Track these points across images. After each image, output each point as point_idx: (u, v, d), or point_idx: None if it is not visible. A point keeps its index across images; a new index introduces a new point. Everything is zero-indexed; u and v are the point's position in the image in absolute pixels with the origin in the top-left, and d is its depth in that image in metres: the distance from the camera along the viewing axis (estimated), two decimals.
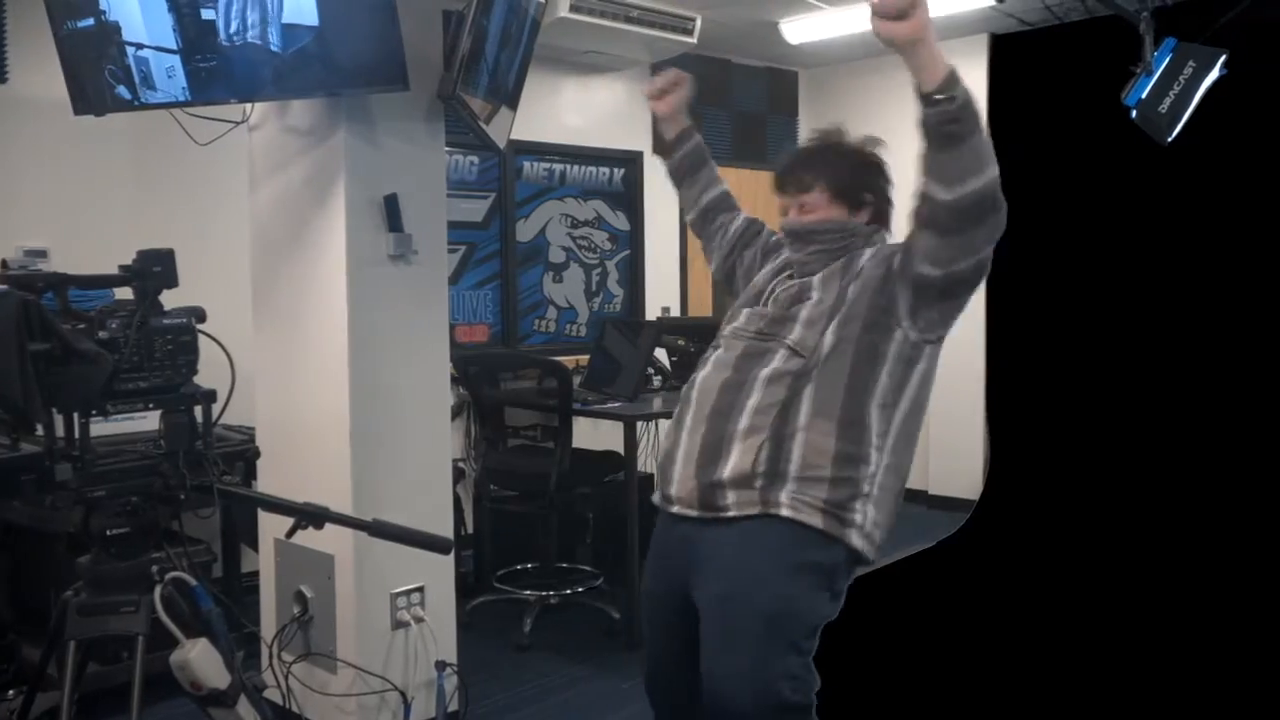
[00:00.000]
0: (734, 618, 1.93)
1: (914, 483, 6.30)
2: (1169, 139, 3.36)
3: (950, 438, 6.11)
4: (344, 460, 2.81)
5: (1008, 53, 5.75)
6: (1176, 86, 3.39)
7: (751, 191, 6.55)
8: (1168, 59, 3.43)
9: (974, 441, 5.99)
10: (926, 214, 1.89)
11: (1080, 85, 3.27)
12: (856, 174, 2.15)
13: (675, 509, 2.05)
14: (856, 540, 1.96)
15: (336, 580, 2.85)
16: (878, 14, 1.83)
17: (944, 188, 1.83)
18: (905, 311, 1.98)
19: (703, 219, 2.53)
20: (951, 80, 1.79)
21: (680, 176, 2.53)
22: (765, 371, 1.98)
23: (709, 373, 2.09)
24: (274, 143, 2.97)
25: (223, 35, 2.44)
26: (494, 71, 2.97)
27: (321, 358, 2.86)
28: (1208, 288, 4.63)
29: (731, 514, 1.96)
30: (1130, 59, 3.51)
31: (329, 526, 1.98)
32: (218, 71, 2.48)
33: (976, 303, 6.49)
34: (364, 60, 2.58)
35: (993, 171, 1.82)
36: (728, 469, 1.95)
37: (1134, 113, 3.47)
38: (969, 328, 5.99)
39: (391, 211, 2.83)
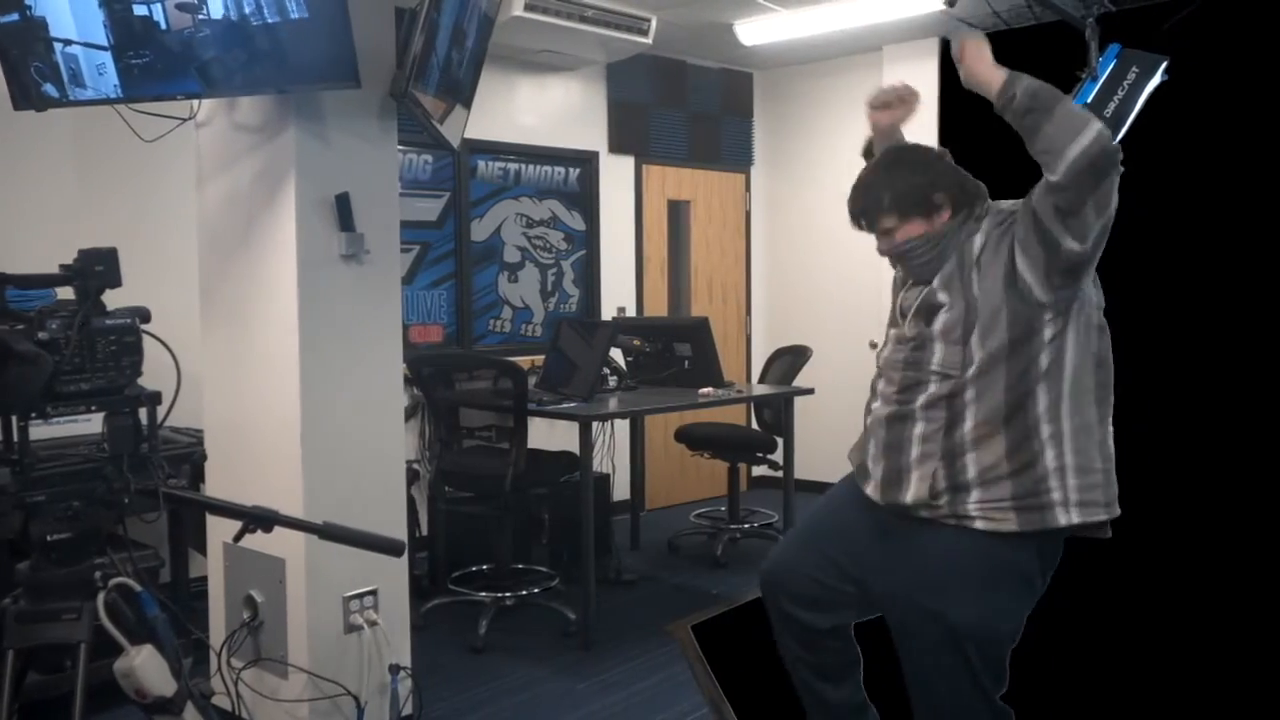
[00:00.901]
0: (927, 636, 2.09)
1: None
2: (1114, 142, 3.42)
3: None
4: (295, 462, 2.77)
5: None
6: (1121, 91, 3.44)
7: (706, 192, 6.58)
8: (1112, 64, 3.49)
9: None
10: (1049, 195, 1.96)
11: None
12: (915, 186, 2.17)
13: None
14: (1063, 518, 2.03)
15: (288, 584, 2.81)
16: (956, 59, 2.10)
17: (1051, 169, 1.94)
18: (1040, 291, 2.01)
19: None
20: (1007, 85, 2.00)
21: None
22: (922, 399, 2.12)
23: (878, 405, 2.24)
24: (222, 140, 2.93)
25: (158, 31, 2.38)
26: (446, 68, 2.95)
27: (271, 359, 2.82)
28: (1149, 285, 4.73)
29: (925, 517, 2.11)
30: (1076, 64, 3.57)
31: (280, 530, 1.96)
32: (152, 68, 2.42)
33: None
34: (314, 57, 2.54)
35: (1090, 133, 1.90)
36: (909, 496, 2.11)
37: (1092, 98, 3.52)
38: None
39: (343, 210, 2.79)
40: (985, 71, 2.04)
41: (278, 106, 2.74)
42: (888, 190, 2.18)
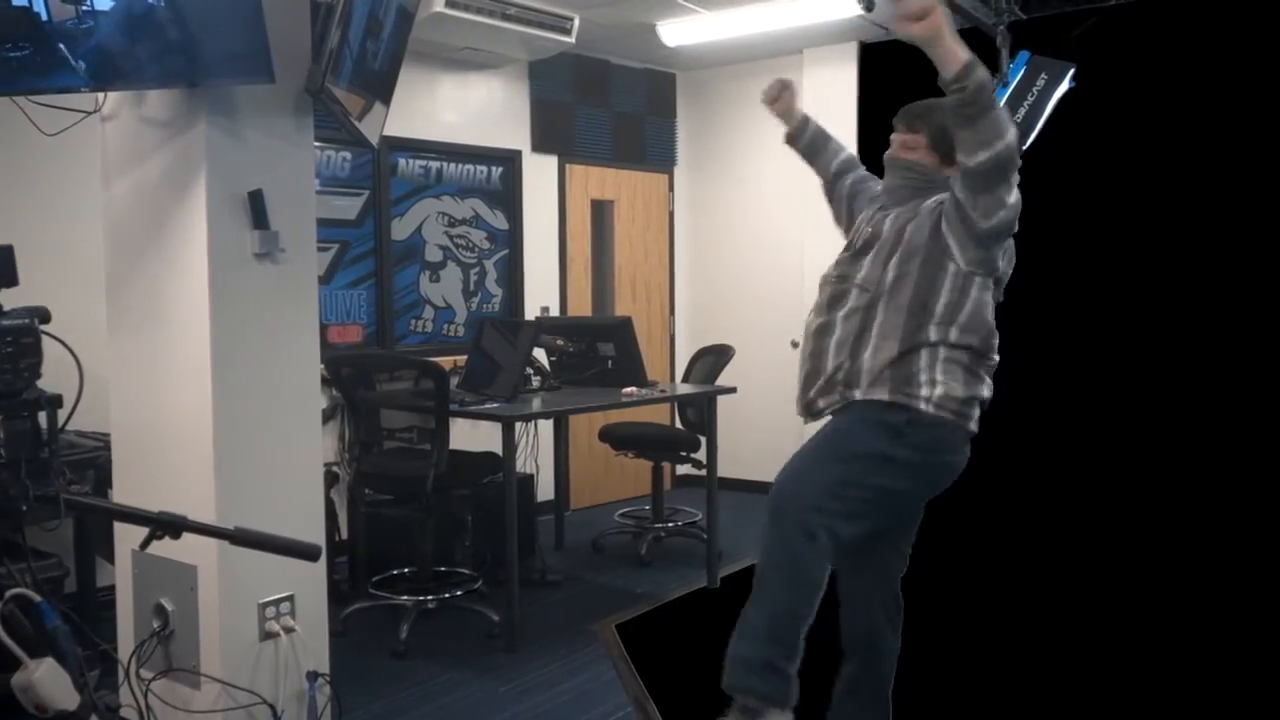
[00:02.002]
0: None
1: None
2: (1024, 147, 3.52)
3: None
4: (207, 467, 2.69)
5: (876, 60, 5.94)
6: (1030, 97, 3.55)
7: (630, 192, 6.59)
8: (1022, 71, 3.59)
9: None
10: (963, 177, 2.29)
11: (943, 94, 3.39)
12: (949, 135, 2.41)
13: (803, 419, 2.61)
14: (925, 406, 2.36)
15: (200, 591, 2.73)
16: (900, 14, 2.19)
17: (968, 157, 2.25)
18: (956, 251, 2.38)
19: (834, 181, 2.95)
20: (965, 71, 2.17)
21: (810, 156, 3.00)
22: (843, 311, 2.48)
23: (811, 317, 2.59)
24: (129, 134, 2.83)
25: (39, 23, 2.28)
26: (361, 60, 2.89)
27: (182, 359, 2.74)
28: (1059, 286, 4.88)
29: (823, 412, 2.50)
30: (989, 70, 3.66)
31: (191, 536, 1.90)
32: (32, 62, 2.32)
33: None
34: (225, 50, 2.47)
35: (1007, 139, 2.22)
36: (814, 390, 2.50)
37: (1003, 103, 3.62)
38: None
39: (256, 208, 2.72)
40: (949, 44, 2.17)
41: (187, 101, 2.66)
42: (940, 120, 2.45)
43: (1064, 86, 3.56)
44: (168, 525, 1.73)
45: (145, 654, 2.78)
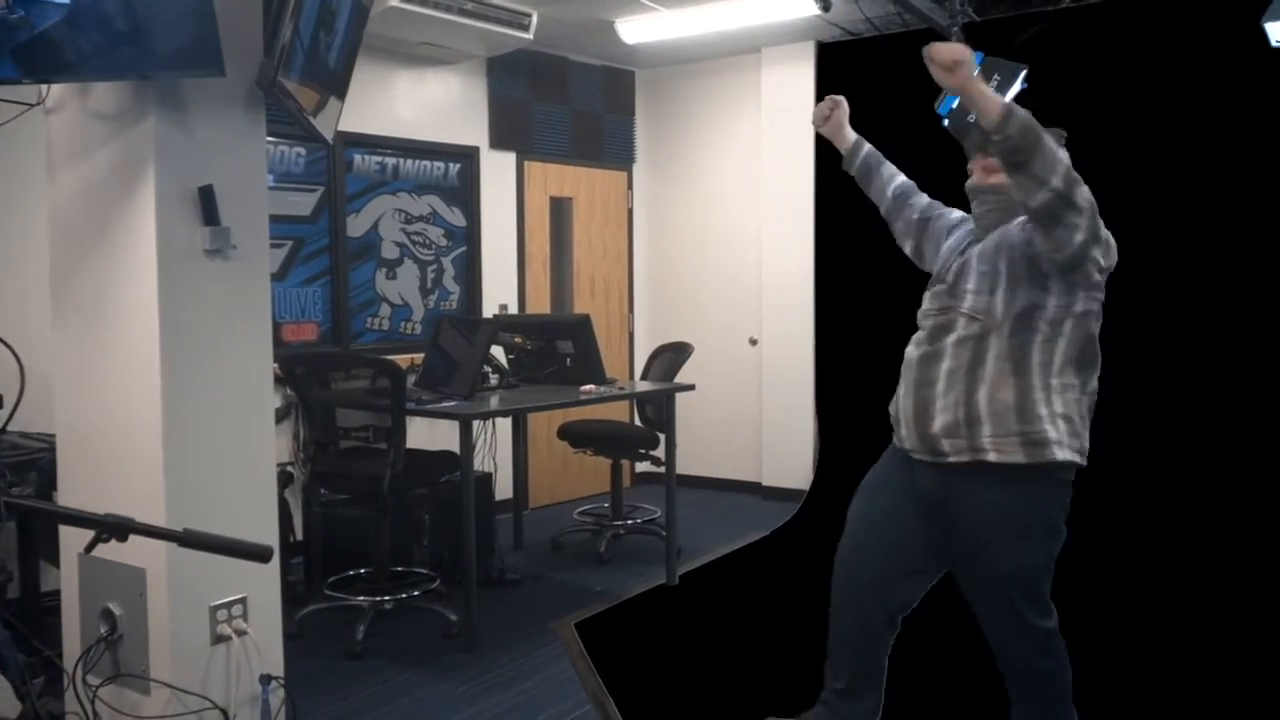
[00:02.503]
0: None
1: (748, 475, 6.50)
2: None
3: (781, 432, 6.30)
4: (156, 468, 2.64)
5: (834, 60, 5.97)
6: None
7: (589, 189, 6.58)
8: (976, 72, 3.61)
9: (804, 435, 6.20)
10: (1030, 217, 2.33)
11: (899, 94, 3.42)
12: None
13: (913, 455, 2.59)
14: (1060, 454, 2.40)
15: (149, 595, 2.68)
16: (931, 60, 2.29)
17: (1028, 198, 2.27)
18: (1046, 280, 2.41)
19: (895, 206, 2.91)
20: (1005, 118, 2.21)
21: (863, 182, 2.96)
22: (952, 338, 2.49)
23: (912, 349, 2.61)
24: (75, 128, 2.77)
25: None
26: (314, 52, 2.85)
27: (130, 358, 2.68)
28: None
29: (950, 459, 2.47)
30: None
31: (140, 538, 1.86)
32: None
33: (805, 302, 6.74)
34: (175, 42, 2.42)
35: (1061, 170, 2.23)
36: (936, 425, 2.48)
37: (946, 122, 3.64)
38: (798, 330, 6.20)
39: (207, 204, 2.67)
40: (985, 99, 2.26)
41: (135, 94, 2.60)
42: None
43: (1016, 88, 3.59)
44: (113, 527, 1.69)
45: (92, 660, 2.72)
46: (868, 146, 2.95)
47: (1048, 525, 2.48)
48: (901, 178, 2.95)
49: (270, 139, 4.65)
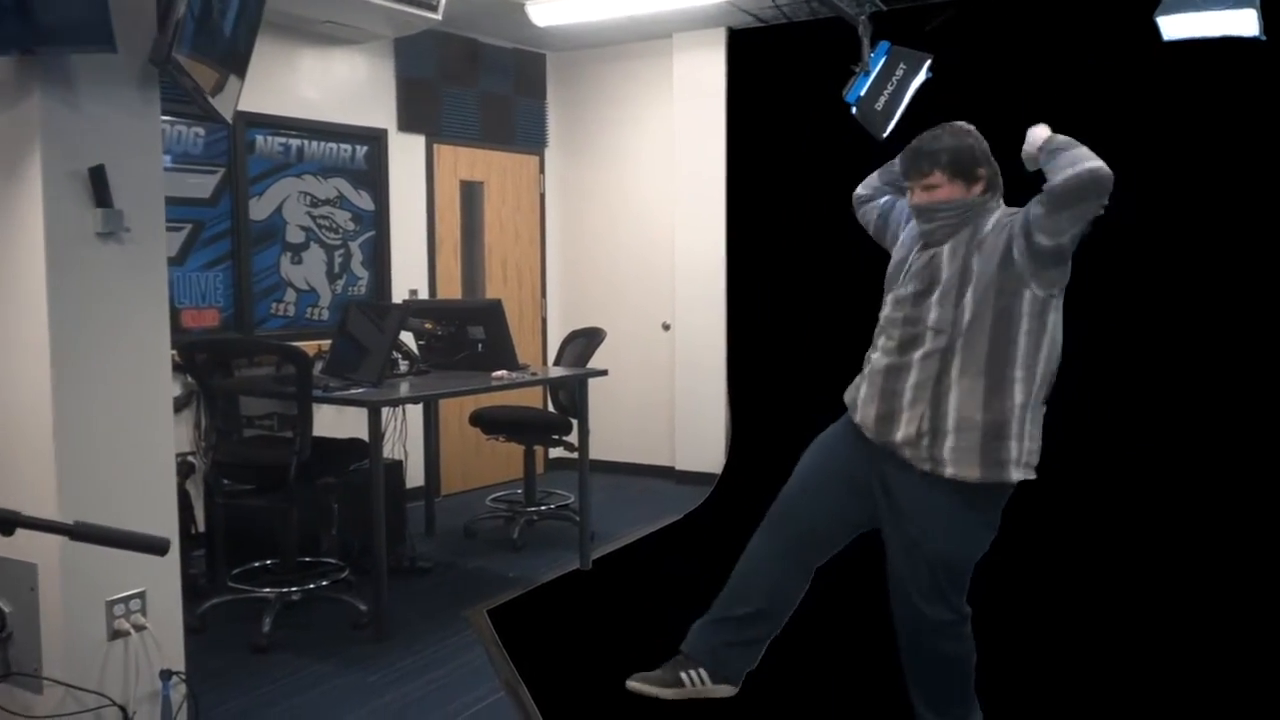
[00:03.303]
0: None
1: (661, 460, 6.54)
2: (884, 134, 3.63)
3: (694, 417, 6.35)
4: (47, 459, 2.54)
5: (744, 47, 6.02)
6: (890, 86, 3.65)
7: (500, 173, 6.52)
8: (882, 60, 3.69)
9: (716, 419, 6.26)
10: (1043, 194, 2.39)
11: (809, 80, 3.46)
12: (966, 151, 2.56)
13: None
14: (1014, 475, 2.48)
15: (40, 590, 2.58)
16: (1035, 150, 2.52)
17: (1054, 174, 2.38)
18: (1029, 276, 2.42)
19: (865, 199, 2.99)
20: (1048, 141, 2.49)
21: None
22: (920, 353, 2.52)
23: (878, 356, 2.65)
24: None
25: None
26: (209, 30, 2.75)
27: (18, 345, 2.57)
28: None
29: (907, 455, 2.55)
30: (850, 58, 3.75)
31: (31, 532, 1.78)
32: None
33: (718, 287, 6.76)
34: (63, 15, 2.31)
35: (1092, 162, 2.34)
36: (899, 435, 2.55)
37: (854, 109, 3.71)
38: (710, 315, 6.26)
39: (98, 185, 2.57)
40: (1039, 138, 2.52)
41: (19, 69, 2.48)
42: (947, 151, 2.54)
43: (921, 76, 3.68)
44: None
45: None
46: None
47: (985, 523, 2.59)
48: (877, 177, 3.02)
49: (166, 118, 4.48)
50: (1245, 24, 3.46)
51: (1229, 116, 4.76)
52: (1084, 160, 2.35)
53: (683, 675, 2.99)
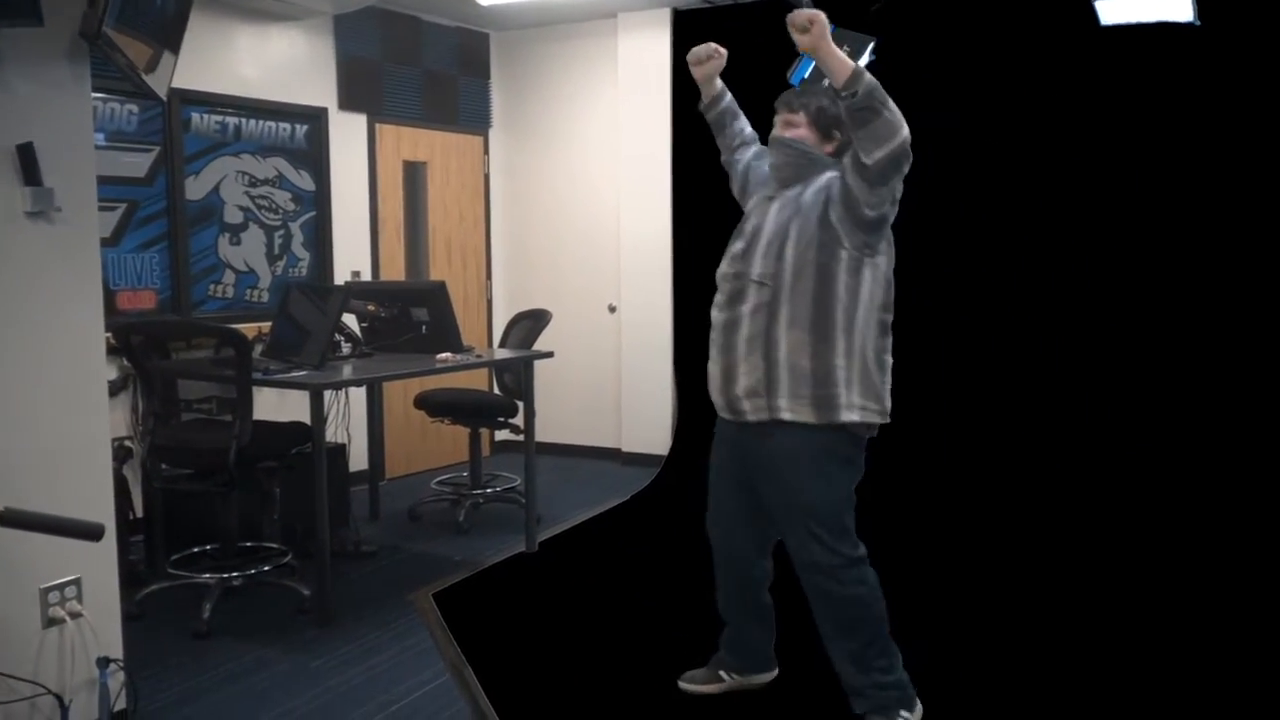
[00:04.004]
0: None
1: (607, 442, 6.55)
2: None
3: (640, 399, 6.37)
4: None
5: (690, 27, 6.01)
6: None
7: (444, 153, 6.45)
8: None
9: (662, 401, 6.28)
10: (858, 171, 2.47)
11: (753, 61, 3.47)
12: (833, 112, 2.64)
13: (723, 415, 2.81)
14: (846, 416, 2.59)
15: None
16: (790, 24, 2.45)
17: (866, 154, 2.43)
18: (844, 237, 2.57)
19: (733, 154, 3.08)
20: (855, 78, 2.38)
21: (716, 130, 3.11)
22: (748, 306, 2.65)
23: (715, 313, 2.77)
24: None
25: None
26: (140, 3, 2.69)
27: None
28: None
29: (750, 419, 2.68)
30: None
31: None
32: None
33: (663, 269, 6.75)
34: None
35: (902, 135, 2.42)
36: (739, 388, 2.68)
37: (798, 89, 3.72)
38: (656, 296, 6.27)
39: (27, 162, 2.51)
40: (837, 60, 2.40)
41: None
42: (818, 102, 2.71)
43: (866, 58, 3.70)
44: None
45: None
46: (730, 98, 3.07)
47: (842, 459, 2.68)
48: (750, 131, 3.10)
49: (98, 95, 4.39)
50: (1179, 9, 3.55)
51: (1167, 99, 4.86)
52: (896, 133, 2.41)
53: (721, 673, 3.08)
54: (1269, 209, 4.73)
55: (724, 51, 2.97)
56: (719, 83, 3.05)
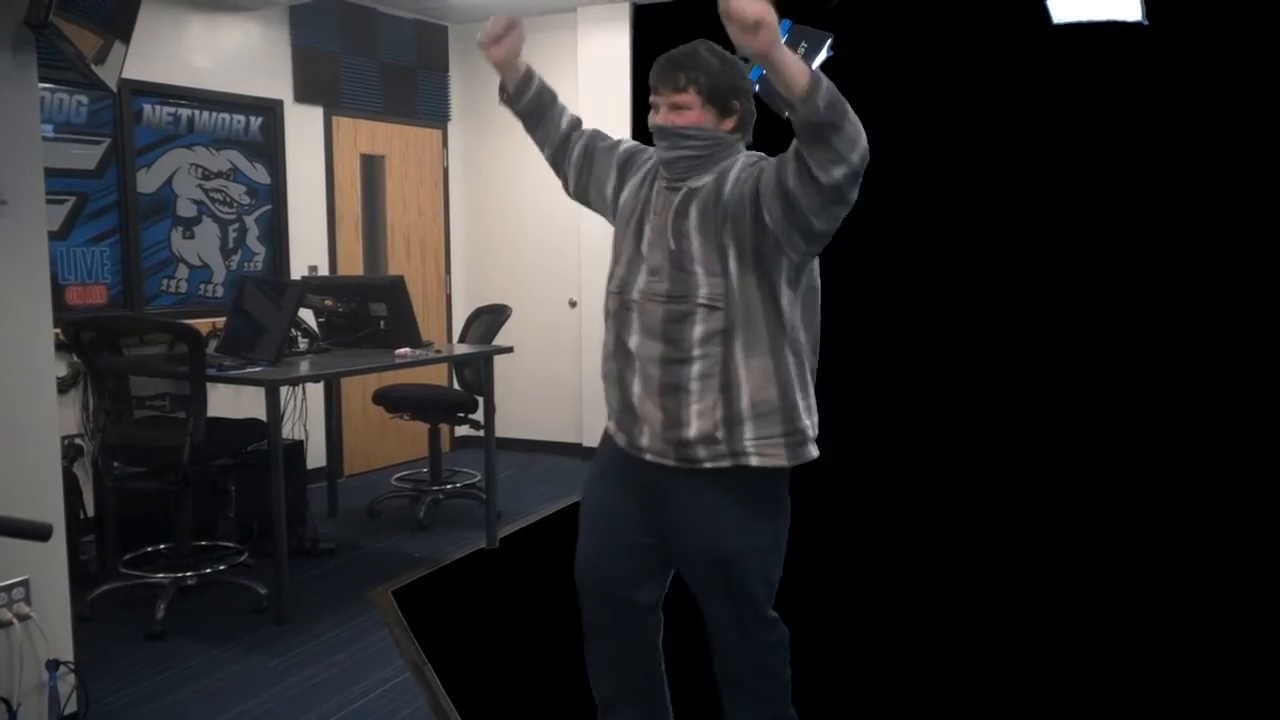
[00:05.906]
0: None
1: (568, 437, 6.54)
2: (787, 113, 3.66)
3: (601, 394, 6.34)
4: None
5: (650, 22, 6.01)
6: None
7: (402, 147, 6.39)
8: (784, 39, 3.71)
9: None
10: (811, 189, 1.98)
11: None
12: (727, 78, 2.17)
13: (648, 457, 2.24)
14: (813, 452, 2.21)
15: None
16: (730, 18, 1.84)
17: (823, 172, 1.95)
18: (786, 245, 2.09)
19: (561, 148, 2.52)
20: (814, 87, 1.88)
21: (532, 122, 2.51)
22: (698, 334, 2.14)
23: (639, 340, 2.23)
24: None
25: None
26: None
27: None
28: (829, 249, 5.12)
29: (706, 466, 2.17)
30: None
31: None
32: None
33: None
34: None
35: (861, 147, 1.94)
36: (692, 431, 2.15)
37: (757, 87, 3.73)
38: None
39: None
40: (791, 67, 1.88)
41: None
42: (708, 73, 2.15)
43: (823, 55, 3.72)
44: None
45: None
46: (540, 80, 2.49)
47: (778, 503, 2.27)
48: (572, 114, 2.56)
49: (46, 85, 4.29)
50: (1128, 9, 3.60)
51: (1121, 97, 4.92)
52: (856, 147, 1.94)
53: None
54: (1219, 202, 4.80)
55: (521, 23, 2.39)
56: (524, 64, 2.44)
